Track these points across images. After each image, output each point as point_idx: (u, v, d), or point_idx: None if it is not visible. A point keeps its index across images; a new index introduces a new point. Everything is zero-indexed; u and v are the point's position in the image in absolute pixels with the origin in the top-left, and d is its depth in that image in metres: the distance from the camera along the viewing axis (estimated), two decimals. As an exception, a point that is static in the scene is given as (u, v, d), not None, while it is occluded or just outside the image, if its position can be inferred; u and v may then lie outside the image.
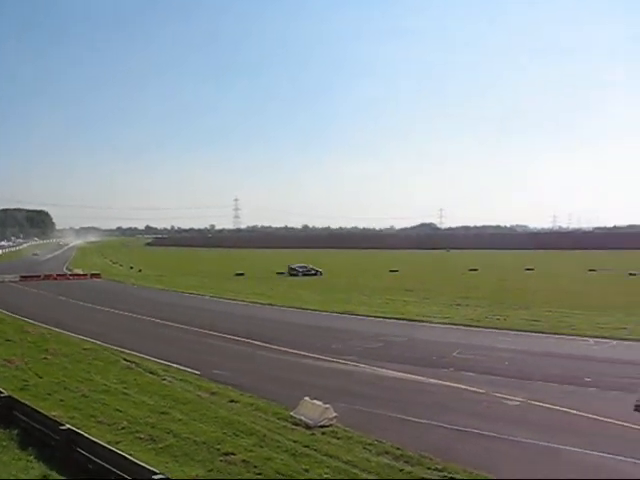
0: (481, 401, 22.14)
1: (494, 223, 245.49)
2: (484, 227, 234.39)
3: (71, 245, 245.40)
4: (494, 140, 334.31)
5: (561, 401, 21.64)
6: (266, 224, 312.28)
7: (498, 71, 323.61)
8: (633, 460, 16.25)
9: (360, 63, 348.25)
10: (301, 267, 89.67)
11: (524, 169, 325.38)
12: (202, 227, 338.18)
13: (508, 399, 22.17)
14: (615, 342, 33.07)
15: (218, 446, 17.29)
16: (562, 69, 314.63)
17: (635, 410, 20.66)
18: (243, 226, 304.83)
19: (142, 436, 18.22)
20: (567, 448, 17.20)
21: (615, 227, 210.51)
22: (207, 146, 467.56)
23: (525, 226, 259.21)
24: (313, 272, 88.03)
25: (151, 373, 26.56)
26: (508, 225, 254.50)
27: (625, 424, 19.24)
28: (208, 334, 36.69)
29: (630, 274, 77.65)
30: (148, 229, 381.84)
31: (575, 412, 20.52)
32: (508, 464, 16.28)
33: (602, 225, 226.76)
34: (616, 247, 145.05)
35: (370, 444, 17.37)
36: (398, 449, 16.89)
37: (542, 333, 36.08)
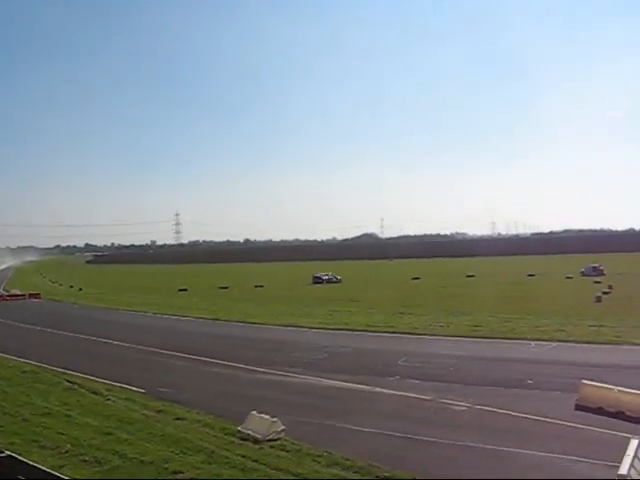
0: (428, 408, 22.36)
1: (434, 232, 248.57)
2: (425, 236, 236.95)
3: (8, 265, 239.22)
4: (433, 149, 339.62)
5: (506, 404, 22.01)
6: (207, 239, 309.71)
7: (433, 79, 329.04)
8: (577, 458, 16.62)
9: (297, 74, 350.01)
10: (325, 275, 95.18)
11: (463, 177, 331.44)
12: (143, 243, 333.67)
13: (454, 405, 22.44)
14: (555, 344, 33.82)
15: (166, 465, 17.01)
16: (495, 76, 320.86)
17: (576, 409, 21.23)
18: (185, 241, 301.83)
19: (87, 459, 17.77)
20: (513, 450, 17.50)
21: (551, 232, 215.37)
22: (147, 162, 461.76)
23: (465, 234, 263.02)
24: (335, 280, 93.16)
25: (94, 393, 25.97)
26: (448, 233, 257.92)
27: (568, 424, 19.72)
28: (153, 351, 36.15)
29: (567, 277, 79.60)
30: (88, 247, 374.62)
31: (519, 414, 20.90)
32: (456, 469, 16.43)
33: (539, 231, 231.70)
34: (553, 252, 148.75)
35: (319, 456, 17.35)
36: (347, 460, 16.91)
37: (485, 338, 36.67)
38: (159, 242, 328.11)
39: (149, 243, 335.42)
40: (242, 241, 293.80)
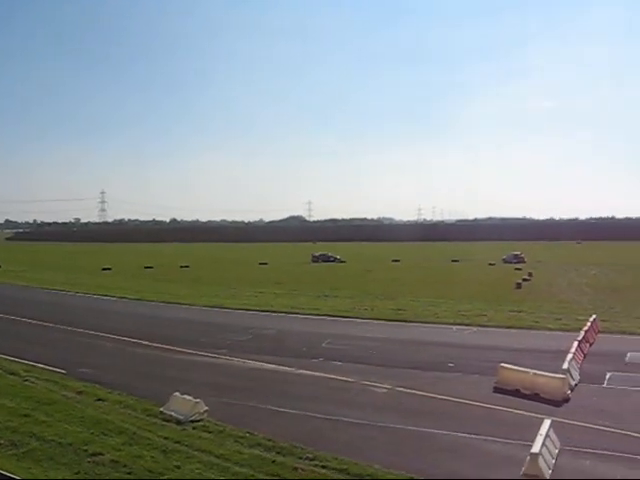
0: (350, 389, 22.67)
1: (361, 216, 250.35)
2: (352, 220, 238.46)
3: None
4: (361, 134, 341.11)
5: (427, 387, 22.51)
6: (133, 218, 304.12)
7: (360, 70, 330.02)
8: (494, 439, 17.20)
9: (219, 58, 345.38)
10: (321, 255, 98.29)
11: (390, 163, 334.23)
12: (67, 220, 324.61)
13: (376, 387, 22.81)
14: (476, 328, 34.70)
15: (85, 447, 16.77)
16: (422, 64, 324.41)
17: (495, 392, 21.88)
18: (110, 220, 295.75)
19: (2, 442, 17.34)
20: (433, 431, 17.96)
21: (476, 220, 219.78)
22: (73, 138, 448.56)
23: (391, 219, 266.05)
24: (332, 259, 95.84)
25: (12, 374, 25.27)
26: (375, 217, 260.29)
27: (486, 405, 20.37)
28: (75, 331, 35.36)
29: (489, 264, 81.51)
30: (8, 223, 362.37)
31: (440, 396, 21.41)
32: (378, 450, 16.70)
33: (464, 218, 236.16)
34: (477, 239, 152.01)
35: (242, 437, 17.41)
36: (270, 440, 17.03)
37: (408, 322, 37.30)
38: (83, 220, 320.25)
39: (73, 221, 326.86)
40: (168, 221, 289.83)
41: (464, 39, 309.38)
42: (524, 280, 57.95)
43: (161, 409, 19.67)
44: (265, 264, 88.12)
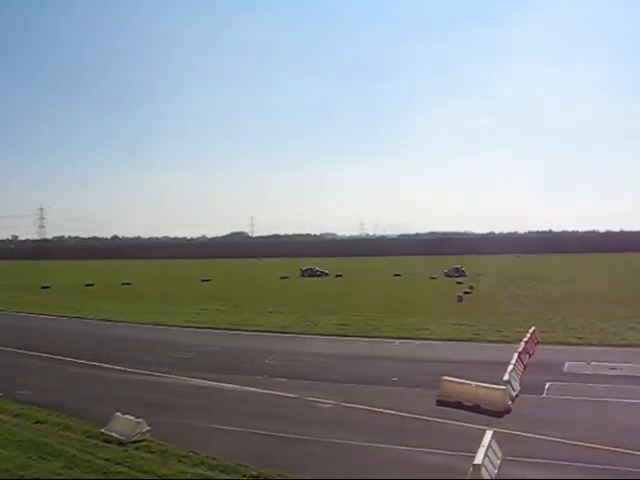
0: (295, 406, 22.63)
1: (304, 231, 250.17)
2: (294, 235, 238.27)
3: None
4: (305, 150, 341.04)
5: (371, 401, 22.61)
6: (73, 234, 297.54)
7: (305, 81, 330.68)
8: (437, 451, 17.40)
9: (177, 73, 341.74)
10: (307, 269, 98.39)
11: (333, 178, 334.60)
12: (3, 238, 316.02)
13: (321, 402, 22.82)
14: (418, 342, 35.04)
15: (22, 472, 16.31)
16: (366, 78, 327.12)
17: (437, 405, 22.12)
18: (49, 236, 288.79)
19: None
20: (377, 445, 18.05)
21: (418, 234, 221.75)
22: (8, 153, 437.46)
23: (334, 234, 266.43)
24: (318, 273, 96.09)
25: (-56, 398, 24.52)
26: (318, 233, 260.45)
27: (429, 418, 20.55)
28: (12, 352, 34.44)
29: (431, 278, 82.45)
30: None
31: (384, 410, 21.54)
32: (321, 466, 16.70)
33: (406, 232, 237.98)
34: (419, 253, 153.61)
35: (185, 456, 17.19)
36: (213, 459, 16.87)
37: (351, 337, 37.45)
38: (22, 237, 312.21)
39: (10, 238, 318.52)
40: (109, 237, 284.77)
41: (407, 55, 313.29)
42: (465, 293, 58.85)
43: (102, 430, 19.30)
44: (208, 280, 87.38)
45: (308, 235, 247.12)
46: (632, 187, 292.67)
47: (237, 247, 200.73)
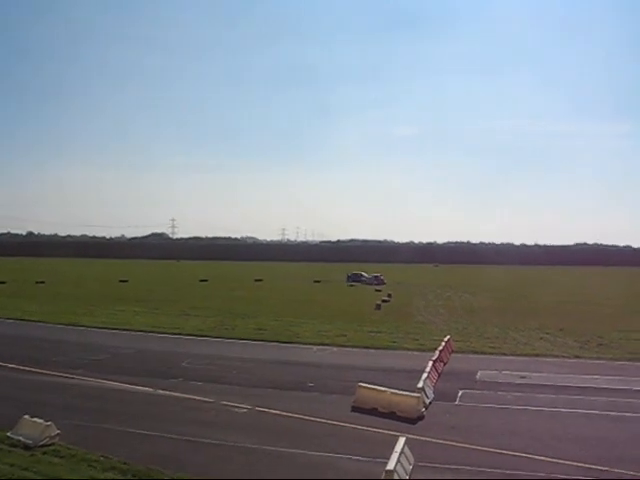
0: (210, 410, 22.42)
1: (225, 234, 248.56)
2: (215, 238, 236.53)
3: None
4: (230, 153, 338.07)
5: (286, 406, 22.60)
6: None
7: (231, 87, 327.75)
8: (351, 457, 17.50)
9: (91, 66, 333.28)
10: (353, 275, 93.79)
11: (256, 182, 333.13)
12: None
13: (236, 407, 22.69)
14: (336, 349, 35.30)
15: None
16: (294, 84, 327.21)
17: (353, 411, 22.30)
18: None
19: None
20: (291, 451, 18.03)
21: (339, 241, 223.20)
22: None
23: (255, 238, 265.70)
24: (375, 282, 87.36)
25: None
26: (239, 237, 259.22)
27: (344, 424, 20.66)
28: None
29: (350, 285, 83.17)
30: None
31: (299, 416, 21.55)
32: (234, 471, 16.58)
33: (327, 239, 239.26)
34: (339, 260, 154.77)
35: (95, 461, 16.75)
36: (125, 464, 16.51)
37: (269, 342, 37.42)
38: None
39: None
40: (25, 234, 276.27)
41: (333, 63, 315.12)
42: (383, 301, 59.52)
43: (8, 434, 18.58)
44: (125, 281, 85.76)
45: (229, 238, 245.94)
46: (548, 201, 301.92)
47: (157, 248, 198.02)
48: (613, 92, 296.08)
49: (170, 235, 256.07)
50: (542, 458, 17.53)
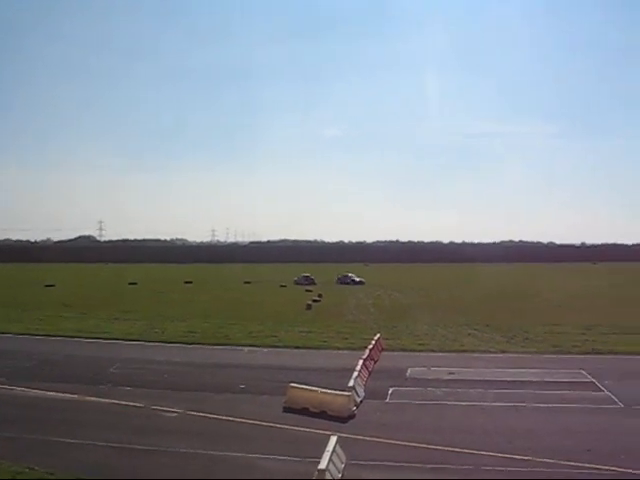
0: (140, 415, 22.17)
1: (154, 236, 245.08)
2: (144, 240, 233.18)
3: None
4: (159, 153, 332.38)
5: (218, 409, 22.52)
6: None
7: (161, 86, 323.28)
8: (283, 457, 17.65)
9: (20, 64, 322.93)
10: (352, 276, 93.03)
11: (185, 183, 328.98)
12: None
13: (167, 411, 22.49)
14: (267, 349, 35.30)
15: None
16: (225, 83, 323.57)
17: (284, 411, 22.36)
18: None
19: None
20: (223, 453, 18.02)
21: (269, 242, 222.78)
22: None
23: (184, 239, 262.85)
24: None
25: None
26: (168, 238, 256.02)
27: (276, 425, 20.76)
28: None
29: (281, 285, 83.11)
30: None
31: (231, 418, 21.53)
32: (167, 476, 16.42)
33: (258, 240, 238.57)
34: (270, 260, 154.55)
35: (20, 472, 16.29)
36: (52, 474, 16.15)
37: (199, 344, 37.13)
38: None
39: None
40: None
41: (263, 63, 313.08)
42: (314, 301, 59.70)
43: None
44: (52, 286, 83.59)
45: (158, 240, 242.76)
46: (478, 200, 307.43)
47: (84, 251, 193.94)
48: (544, 95, 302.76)
49: (98, 238, 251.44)
50: (470, 451, 17.99)
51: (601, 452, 17.91)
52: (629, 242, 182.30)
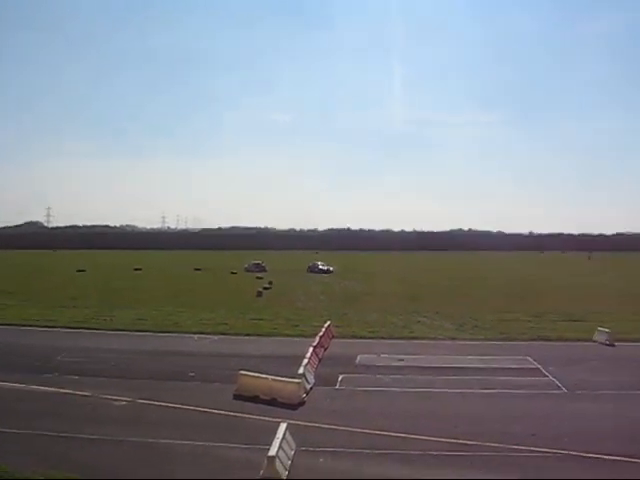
0: (87, 404, 21.84)
1: (104, 222, 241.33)
2: (94, 227, 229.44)
3: None
4: (109, 138, 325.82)
5: (167, 397, 22.33)
6: None
7: (110, 70, 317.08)
8: (233, 445, 17.61)
9: None
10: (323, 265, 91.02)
11: (137, 168, 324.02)
12: None
13: (115, 400, 22.20)
14: (217, 337, 35.13)
15: None
16: (171, 75, 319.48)
17: (234, 399, 22.32)
18: None
19: None
20: (173, 442, 17.86)
21: (220, 229, 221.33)
22: None
23: (134, 226, 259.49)
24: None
25: None
26: (118, 225, 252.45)
27: (226, 413, 20.71)
28: None
29: (232, 273, 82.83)
30: None
31: (180, 406, 21.36)
32: (114, 466, 16.24)
33: (209, 227, 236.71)
34: (220, 247, 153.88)
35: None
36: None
37: (149, 332, 36.78)
38: None
39: None
40: None
41: (213, 49, 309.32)
42: (265, 288, 59.64)
43: None
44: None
45: (107, 227, 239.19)
46: (423, 187, 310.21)
47: (31, 238, 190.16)
48: (482, 85, 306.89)
49: (45, 224, 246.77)
50: (418, 437, 18.20)
51: (545, 436, 18.33)
52: (575, 232, 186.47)
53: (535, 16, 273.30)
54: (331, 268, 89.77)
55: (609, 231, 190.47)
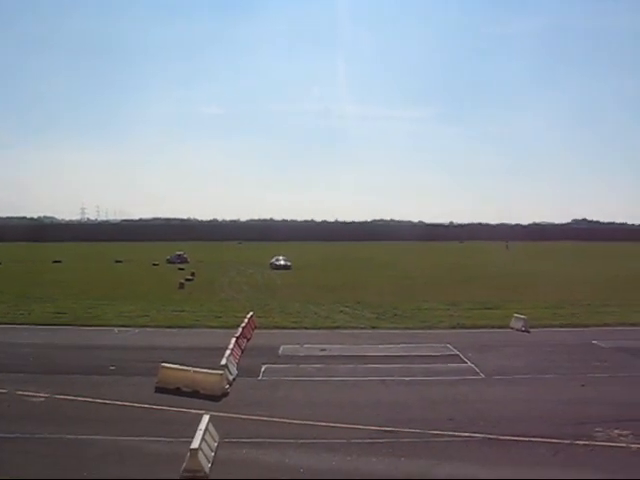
0: (3, 401, 21.24)
1: (21, 214, 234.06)
2: (10, 218, 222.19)
3: None
4: (22, 127, 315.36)
5: (87, 392, 21.95)
6: None
7: (35, 57, 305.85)
8: (156, 439, 17.43)
9: None
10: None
11: (52, 159, 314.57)
12: None
13: (33, 396, 21.67)
14: (138, 329, 34.72)
15: None
16: (97, 62, 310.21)
17: (156, 392, 22.14)
18: None
19: None
20: (94, 437, 17.55)
21: (141, 220, 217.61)
22: None
23: (53, 217, 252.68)
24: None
25: None
26: (35, 216, 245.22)
27: (147, 406, 20.51)
28: None
29: (153, 264, 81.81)
30: None
31: (101, 401, 21.02)
32: (35, 464, 15.80)
33: (129, 218, 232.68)
34: (142, 239, 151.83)
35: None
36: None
37: (68, 325, 35.98)
38: None
39: None
40: None
41: (140, 38, 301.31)
42: (187, 280, 59.23)
43: None
44: None
45: (24, 218, 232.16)
46: (347, 180, 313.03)
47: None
48: (415, 81, 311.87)
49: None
50: (342, 425, 18.47)
51: (462, 420, 18.97)
52: (493, 222, 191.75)
53: (468, 13, 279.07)
54: (288, 263, 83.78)
55: (525, 221, 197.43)
